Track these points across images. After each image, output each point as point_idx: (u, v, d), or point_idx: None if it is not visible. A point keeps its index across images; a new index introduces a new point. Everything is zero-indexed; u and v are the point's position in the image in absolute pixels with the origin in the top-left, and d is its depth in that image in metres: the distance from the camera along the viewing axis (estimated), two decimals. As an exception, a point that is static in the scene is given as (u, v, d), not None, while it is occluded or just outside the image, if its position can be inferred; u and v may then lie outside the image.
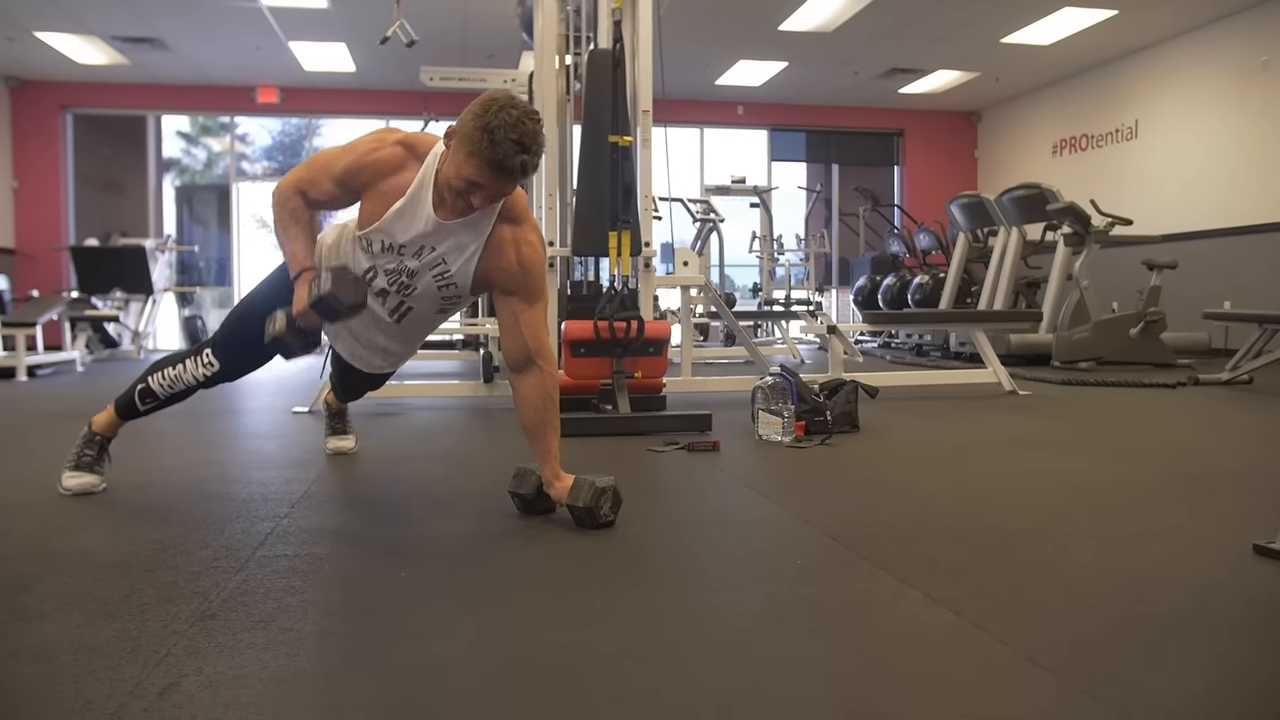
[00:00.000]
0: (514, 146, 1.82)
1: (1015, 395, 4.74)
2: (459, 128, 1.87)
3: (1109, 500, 2.32)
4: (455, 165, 1.88)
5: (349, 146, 2.07)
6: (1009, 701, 1.12)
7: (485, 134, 1.81)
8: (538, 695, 1.16)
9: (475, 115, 1.84)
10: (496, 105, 1.84)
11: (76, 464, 2.35)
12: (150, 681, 1.17)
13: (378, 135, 2.05)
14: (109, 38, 9.04)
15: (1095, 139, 10.26)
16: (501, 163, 1.83)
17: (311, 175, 2.06)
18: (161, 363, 2.31)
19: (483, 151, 1.82)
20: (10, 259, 10.26)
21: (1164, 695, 1.13)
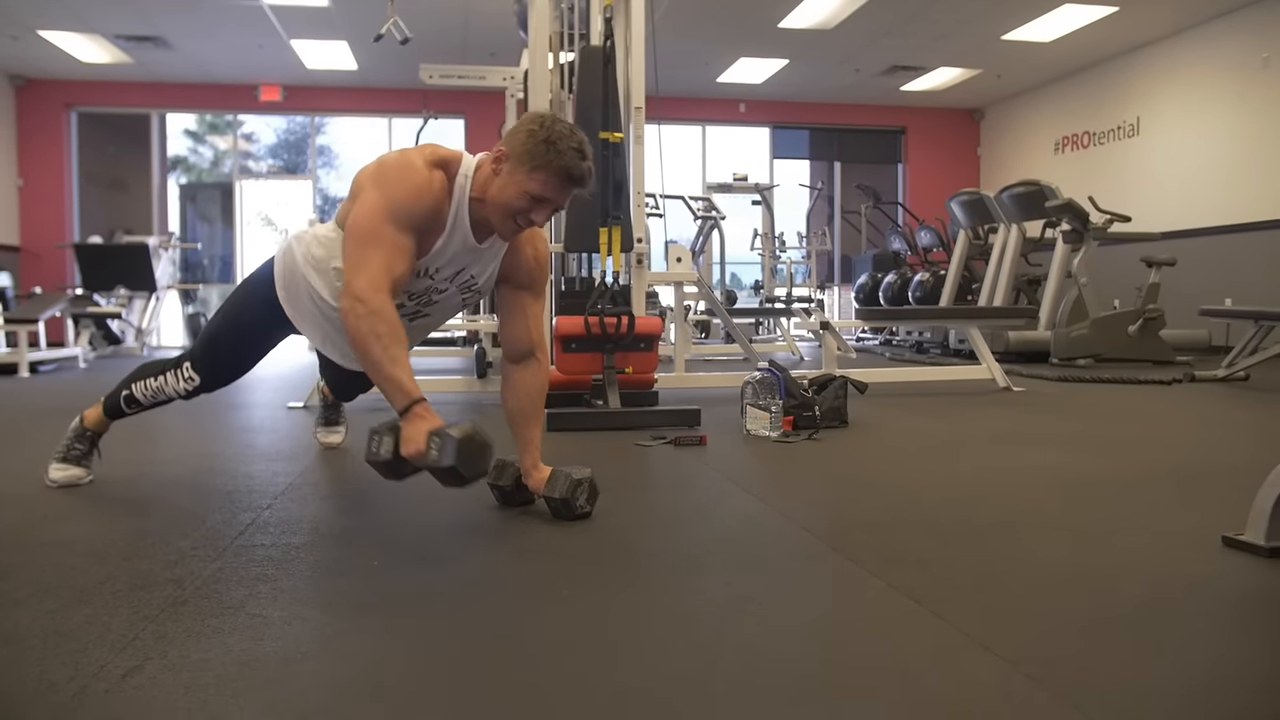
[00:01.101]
0: (577, 154, 1.85)
1: (1009, 392, 4.75)
2: (512, 148, 1.86)
3: (1088, 495, 2.33)
4: (516, 184, 1.86)
5: (391, 192, 1.86)
6: (955, 687, 1.13)
7: (548, 146, 1.82)
8: (488, 682, 1.18)
9: (530, 133, 1.84)
10: (548, 119, 1.87)
11: (64, 457, 2.37)
12: (115, 664, 1.19)
13: (413, 164, 1.89)
14: (112, 36, 9.10)
15: (1097, 136, 10.25)
16: (570, 170, 1.85)
17: (386, 255, 1.82)
18: (146, 370, 2.31)
19: (551, 163, 1.83)
20: (15, 256, 10.33)
21: (1110, 682, 1.14)
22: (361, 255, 1.82)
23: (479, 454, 1.67)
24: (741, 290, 11.92)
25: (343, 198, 8.34)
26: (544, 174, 1.84)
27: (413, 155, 1.92)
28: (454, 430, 1.64)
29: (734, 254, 10.87)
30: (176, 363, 2.25)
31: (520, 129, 1.87)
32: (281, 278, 2.16)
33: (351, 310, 1.77)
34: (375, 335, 1.74)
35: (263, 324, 2.23)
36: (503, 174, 1.88)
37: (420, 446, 1.69)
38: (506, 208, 1.89)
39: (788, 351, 8.26)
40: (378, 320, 1.75)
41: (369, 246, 1.82)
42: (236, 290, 2.29)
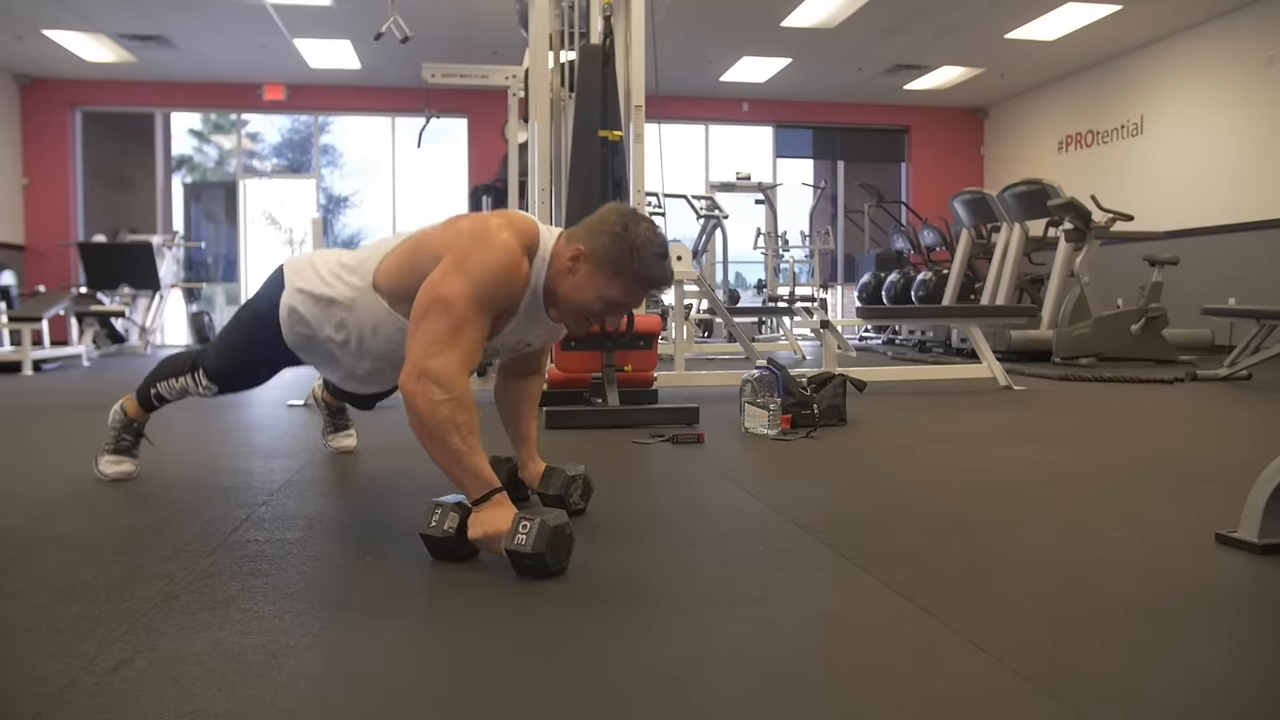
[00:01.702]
0: (660, 259, 1.79)
1: (1010, 390, 4.74)
2: (594, 250, 1.77)
3: (1083, 493, 2.33)
4: (595, 288, 1.78)
5: (484, 277, 1.72)
6: (941, 682, 1.14)
7: (633, 253, 1.75)
8: (472, 676, 1.19)
9: (613, 236, 1.76)
10: (630, 219, 1.79)
11: (115, 449, 2.39)
12: (104, 658, 1.20)
13: (509, 249, 1.75)
14: (116, 35, 9.12)
15: (1101, 135, 10.23)
16: (653, 279, 1.80)
17: (470, 343, 1.70)
18: (168, 368, 2.32)
19: (635, 271, 1.76)
20: (20, 255, 10.36)
21: (1096, 678, 1.15)
22: (445, 337, 1.67)
23: (567, 545, 1.57)
24: (745, 290, 11.91)
25: (345, 196, 8.22)
26: (626, 281, 1.78)
27: (509, 239, 1.76)
28: (550, 518, 1.54)
29: (738, 253, 10.87)
30: (192, 366, 2.25)
31: (602, 230, 1.78)
32: (295, 340, 2.06)
33: (426, 393, 1.63)
34: (455, 425, 1.62)
35: (276, 353, 2.14)
36: (580, 274, 1.79)
37: (503, 528, 1.56)
38: (581, 309, 1.82)
39: (790, 351, 8.25)
40: (458, 409, 1.63)
41: (455, 331, 1.67)
42: (247, 311, 2.19)
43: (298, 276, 2.04)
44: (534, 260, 1.81)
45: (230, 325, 2.27)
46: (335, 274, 1.99)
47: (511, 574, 1.56)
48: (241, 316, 2.22)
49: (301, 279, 2.03)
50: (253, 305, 2.16)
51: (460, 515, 1.64)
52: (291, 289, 2.03)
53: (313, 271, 2.03)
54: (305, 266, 2.06)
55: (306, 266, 2.06)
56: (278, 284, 2.07)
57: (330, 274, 2.00)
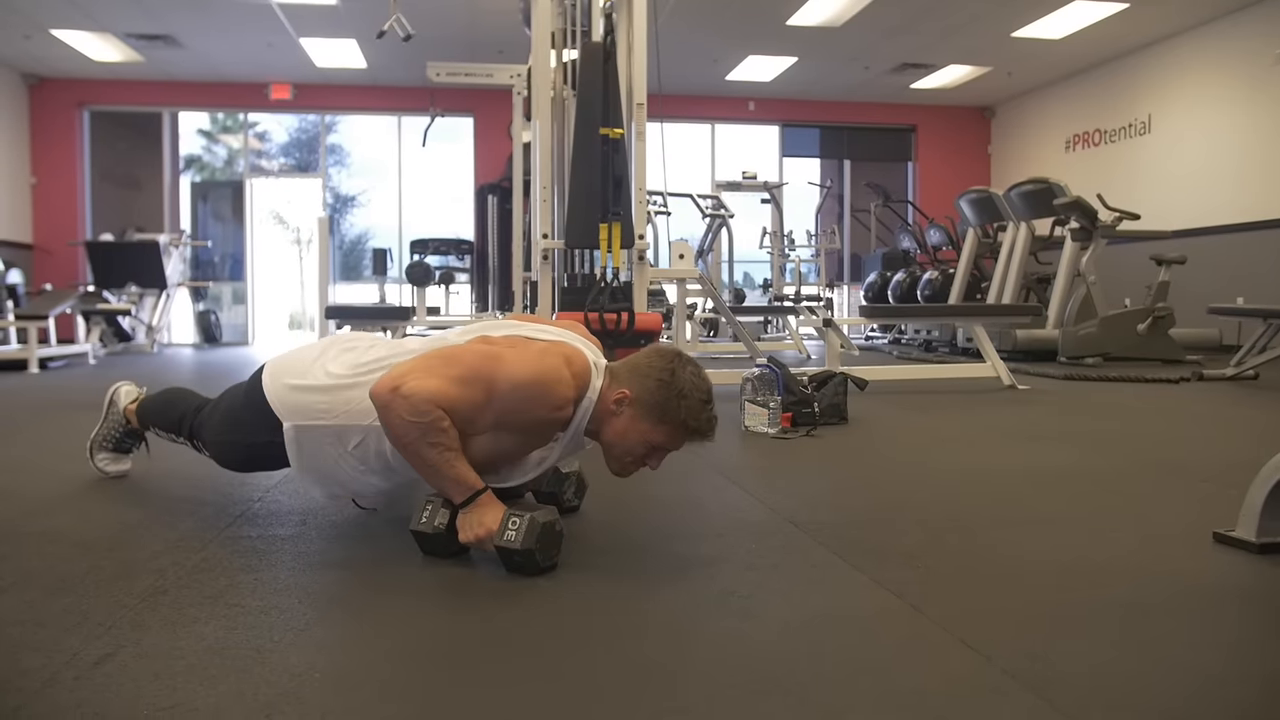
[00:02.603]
0: (705, 405, 1.76)
1: (1014, 390, 4.72)
2: (639, 395, 1.73)
3: (1082, 492, 2.31)
4: (640, 433, 1.75)
5: (529, 383, 1.66)
6: (927, 680, 1.13)
7: (680, 400, 1.72)
8: (455, 672, 1.18)
9: (660, 383, 1.72)
10: (677, 364, 1.75)
11: (116, 447, 2.35)
12: (88, 652, 1.19)
13: (567, 393, 1.69)
14: (123, 35, 9.15)
15: (1108, 134, 10.18)
16: (699, 428, 1.76)
17: (467, 408, 1.61)
18: (166, 420, 2.15)
19: (681, 419, 1.73)
20: (28, 253, 10.40)
21: (1086, 677, 1.13)
22: (438, 373, 1.61)
23: (557, 542, 1.57)
24: (752, 289, 11.90)
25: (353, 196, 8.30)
26: (671, 428, 1.75)
27: (568, 389, 1.69)
28: (540, 514, 1.54)
29: (744, 252, 10.86)
30: (191, 434, 2.06)
31: (649, 375, 1.74)
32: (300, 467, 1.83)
33: (394, 410, 1.56)
34: (429, 442, 1.58)
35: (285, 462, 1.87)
36: (624, 417, 1.75)
37: (492, 527, 1.56)
38: (626, 452, 1.78)
39: (795, 350, 8.24)
40: (431, 430, 1.57)
41: (454, 380, 1.61)
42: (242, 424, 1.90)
43: (292, 412, 1.80)
44: (580, 403, 1.74)
45: (225, 431, 1.97)
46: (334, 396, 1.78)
47: (501, 570, 1.56)
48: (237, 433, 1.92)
49: (297, 414, 1.80)
50: (250, 431, 1.88)
51: (450, 511, 1.63)
52: (292, 426, 1.79)
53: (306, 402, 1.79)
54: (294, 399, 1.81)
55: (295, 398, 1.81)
56: (269, 412, 1.82)
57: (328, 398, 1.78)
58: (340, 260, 13.48)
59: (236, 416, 1.93)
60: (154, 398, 2.28)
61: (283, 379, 1.84)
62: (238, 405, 1.94)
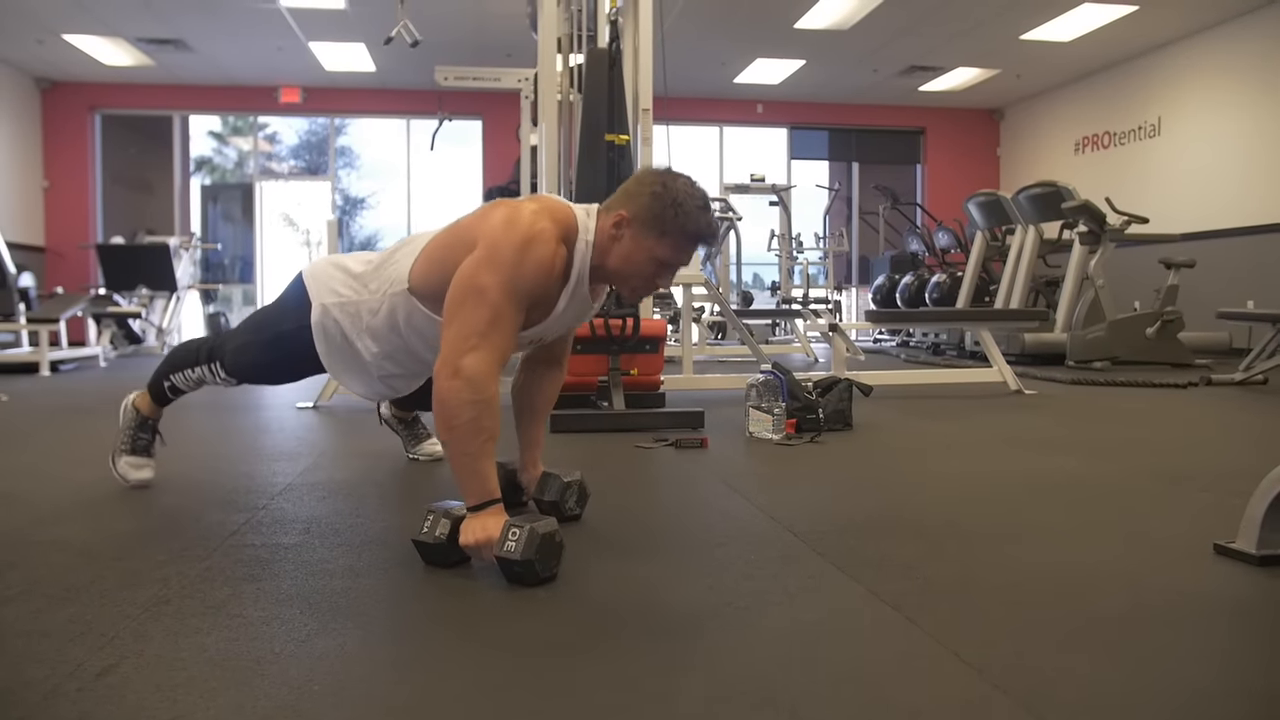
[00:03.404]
0: (701, 212, 1.79)
1: (1020, 395, 4.72)
2: (636, 212, 1.78)
3: (1083, 500, 2.31)
4: (644, 251, 1.79)
5: (520, 270, 1.70)
6: (917, 693, 1.13)
7: (676, 208, 1.76)
8: (451, 682, 1.19)
9: (654, 196, 1.77)
10: (668, 177, 1.80)
11: (133, 449, 2.35)
12: (91, 663, 1.21)
13: (545, 240, 1.73)
14: (134, 39, 9.21)
15: (1118, 136, 10.16)
16: (700, 233, 1.80)
17: (503, 340, 1.69)
18: (183, 358, 2.28)
19: (682, 228, 1.77)
20: (40, 257, 10.48)
21: (1076, 691, 1.14)
22: (480, 329, 1.66)
23: (556, 553, 1.57)
24: (761, 291, 11.90)
25: (362, 198, 8.33)
26: (673, 239, 1.78)
27: (546, 228, 1.74)
28: (540, 525, 1.54)
29: (753, 255, 10.85)
30: (209, 357, 2.21)
31: (641, 191, 1.79)
32: (330, 356, 2.07)
33: (457, 391, 1.63)
34: (478, 428, 1.63)
35: (303, 365, 2.14)
36: (625, 239, 1.79)
37: (493, 535, 1.57)
38: (635, 275, 1.82)
39: (802, 353, 8.24)
40: (485, 413, 1.63)
41: (490, 323, 1.67)
42: (270, 326, 2.16)
43: (324, 290, 2.03)
44: (574, 247, 1.80)
45: (251, 331, 2.19)
46: (363, 281, 2.00)
47: (501, 581, 1.57)
48: (264, 329, 2.16)
49: (328, 292, 2.02)
50: (277, 321, 2.12)
51: (451, 522, 1.65)
52: (320, 306, 2.02)
53: (339, 281, 2.02)
54: (329, 275, 2.05)
55: (331, 275, 2.04)
56: (301, 299, 2.05)
57: (358, 281, 2.00)
58: (349, 262, 13.50)
59: (265, 313, 2.20)
60: (166, 357, 2.35)
61: (314, 269, 2.09)
62: (267, 307, 2.20)
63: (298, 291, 2.07)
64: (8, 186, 9.51)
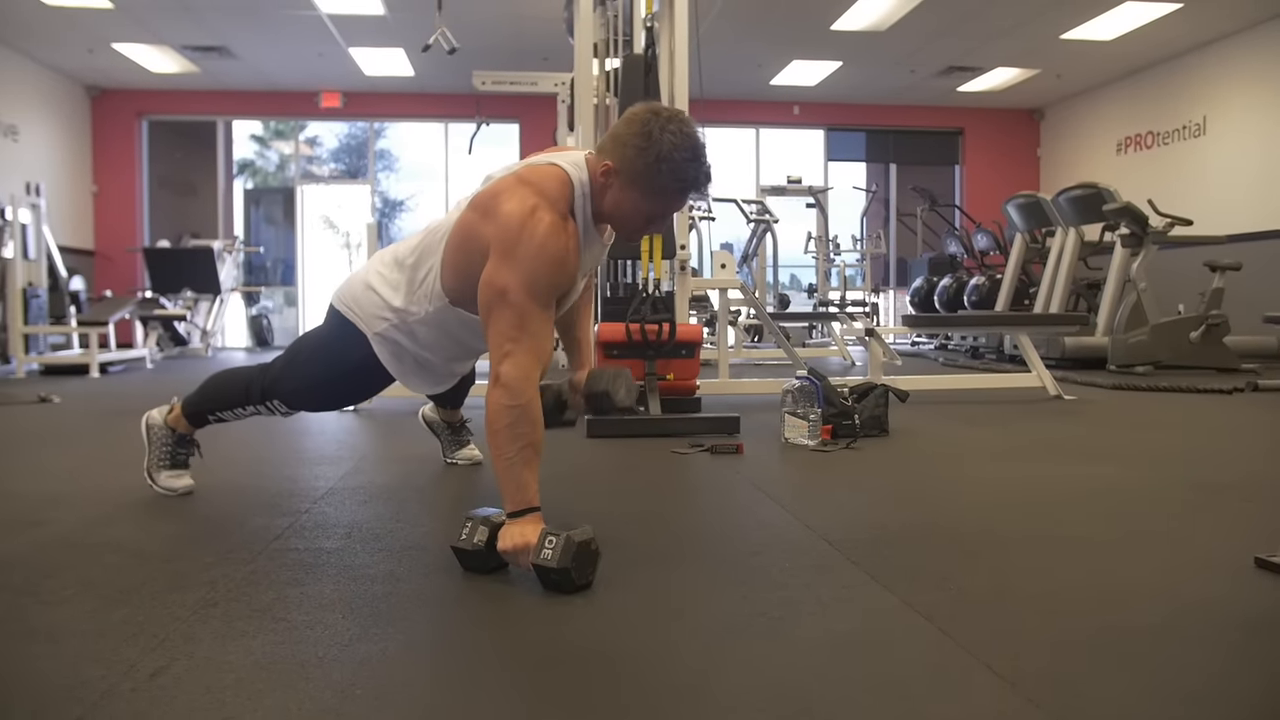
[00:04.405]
0: (693, 166, 1.73)
1: (1060, 400, 4.67)
2: (622, 163, 1.74)
3: (1122, 510, 2.29)
4: (631, 203, 1.77)
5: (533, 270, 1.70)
6: (949, 706, 1.14)
7: (660, 164, 1.71)
8: (495, 689, 1.22)
9: (638, 150, 1.72)
10: (654, 124, 1.72)
11: (173, 463, 2.36)
12: (144, 664, 1.25)
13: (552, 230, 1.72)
14: (180, 47, 9.40)
15: (1161, 136, 10.00)
16: (687, 185, 1.75)
17: (534, 342, 1.71)
18: (230, 396, 2.25)
19: (665, 186, 1.73)
20: (89, 260, 10.71)
21: (1110, 706, 1.14)
22: (511, 332, 1.70)
23: (593, 561, 1.59)
24: (797, 293, 11.86)
25: (401, 201, 8.43)
26: (661, 197, 1.75)
27: (550, 219, 1.73)
28: (576, 534, 1.56)
29: (789, 257, 10.83)
30: (263, 397, 2.19)
31: (626, 142, 1.74)
32: (401, 373, 2.12)
33: (496, 399, 1.67)
34: (515, 434, 1.66)
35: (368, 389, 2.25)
36: (614, 189, 1.78)
37: (530, 542, 1.59)
38: (626, 223, 1.83)
39: (839, 356, 8.21)
40: (522, 419, 1.66)
41: (519, 324, 1.69)
42: (331, 364, 2.16)
43: (370, 319, 2.05)
44: (575, 205, 1.81)
45: (309, 369, 2.17)
46: (404, 297, 2.01)
47: (538, 587, 1.60)
48: (326, 365, 2.16)
49: (375, 320, 2.04)
50: (341, 356, 2.12)
51: (490, 530, 1.68)
52: (374, 335, 2.05)
53: (378, 305, 2.04)
54: (368, 301, 2.05)
55: (369, 300, 2.05)
56: (352, 330, 2.07)
57: (399, 297, 2.02)
58: (388, 264, 13.65)
59: (326, 351, 2.16)
60: (200, 390, 2.33)
61: (347, 297, 2.09)
62: (322, 342, 2.17)
63: (345, 324, 2.08)
64: (59, 192, 9.74)
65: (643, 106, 1.78)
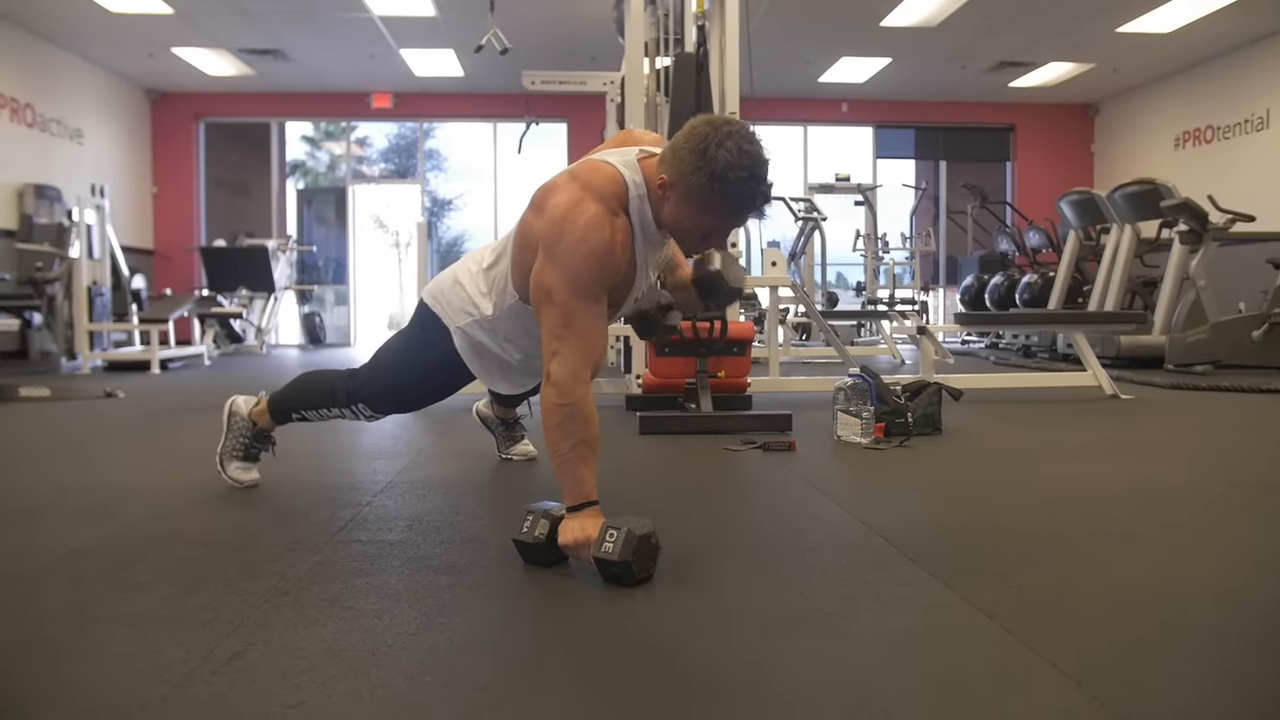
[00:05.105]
0: (750, 185, 1.66)
1: (1116, 400, 4.59)
2: (677, 178, 1.69)
3: (1182, 510, 2.26)
4: (688, 219, 1.74)
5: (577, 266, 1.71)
6: (1013, 703, 1.14)
7: (715, 182, 1.64)
8: (558, 680, 1.24)
9: (695, 166, 1.65)
10: (714, 138, 1.65)
11: (245, 455, 2.41)
12: (222, 649, 1.30)
13: (596, 224, 1.72)
14: (236, 50, 9.60)
15: (1221, 130, 9.77)
16: (744, 205, 1.70)
17: (581, 339, 1.72)
18: (316, 398, 2.29)
19: (720, 205, 1.68)
20: (149, 259, 10.98)
21: (1177, 706, 1.13)
22: (557, 330, 1.72)
23: (653, 555, 1.61)
24: (845, 291, 11.78)
25: (450, 200, 8.53)
26: (714, 215, 1.70)
27: (594, 212, 1.72)
28: (637, 527, 1.58)
29: (837, 255, 10.76)
30: (348, 400, 2.23)
31: (682, 156, 1.68)
32: (481, 369, 2.14)
33: (547, 397, 1.71)
34: (565, 432, 1.69)
35: (451, 387, 2.23)
36: (671, 202, 1.74)
37: (591, 536, 1.61)
38: (684, 238, 1.82)
39: (888, 355, 8.14)
40: (572, 417, 1.69)
41: (564, 323, 1.71)
42: (415, 360, 2.19)
43: (456, 313, 2.08)
44: (630, 206, 1.79)
45: (394, 370, 2.22)
46: (486, 295, 2.05)
47: (599, 581, 1.62)
48: (409, 364, 2.20)
49: (460, 314, 2.08)
50: (422, 353, 2.16)
51: (551, 523, 1.70)
52: (457, 330, 2.08)
53: (464, 299, 2.07)
54: (456, 295, 2.09)
55: (457, 295, 2.09)
56: (437, 325, 2.10)
57: (482, 295, 2.05)
58: (438, 263, 13.81)
59: (409, 348, 2.21)
60: (288, 389, 2.37)
61: (436, 291, 2.14)
62: (406, 339, 2.23)
63: (431, 319, 2.12)
64: (122, 193, 10.00)
65: (703, 119, 1.72)
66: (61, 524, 2.09)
